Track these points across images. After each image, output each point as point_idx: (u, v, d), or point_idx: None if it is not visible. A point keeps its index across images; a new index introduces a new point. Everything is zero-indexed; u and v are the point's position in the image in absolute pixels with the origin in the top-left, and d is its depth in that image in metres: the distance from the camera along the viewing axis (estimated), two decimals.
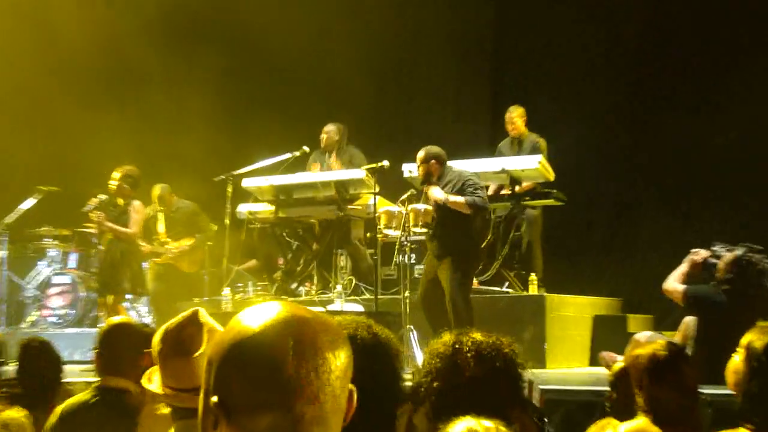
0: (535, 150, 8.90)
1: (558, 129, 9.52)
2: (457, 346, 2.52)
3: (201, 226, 9.55)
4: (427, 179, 7.14)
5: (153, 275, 9.29)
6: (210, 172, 9.21)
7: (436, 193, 6.94)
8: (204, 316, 2.53)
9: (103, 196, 8.27)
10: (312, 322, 1.54)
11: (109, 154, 9.14)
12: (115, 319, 3.82)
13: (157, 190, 9.52)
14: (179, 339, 2.50)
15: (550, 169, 8.63)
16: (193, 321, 2.51)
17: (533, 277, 8.61)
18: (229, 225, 8.48)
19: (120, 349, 3.60)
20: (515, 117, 9.11)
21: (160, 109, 11.02)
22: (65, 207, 9.42)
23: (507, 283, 8.77)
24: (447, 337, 2.58)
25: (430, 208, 7.09)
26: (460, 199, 6.89)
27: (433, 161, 7.19)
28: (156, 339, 2.60)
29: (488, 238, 8.63)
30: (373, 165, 7.75)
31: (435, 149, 7.22)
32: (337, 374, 1.52)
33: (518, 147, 9.19)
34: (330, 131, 9.16)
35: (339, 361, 1.53)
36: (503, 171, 8.49)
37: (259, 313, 1.55)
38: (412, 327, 7.01)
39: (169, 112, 11.07)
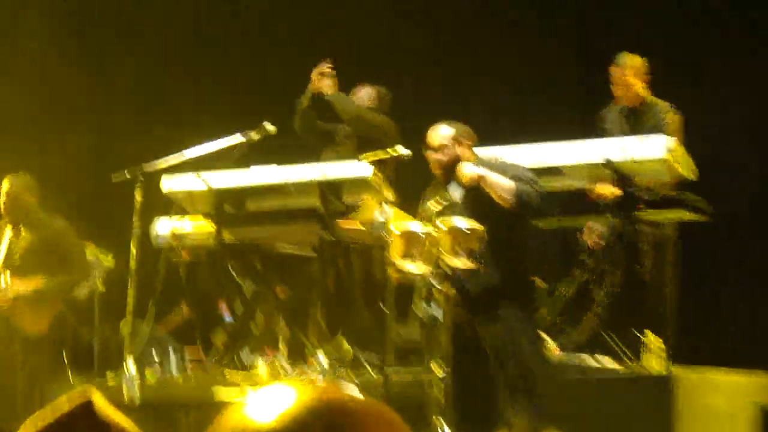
0: (658, 128, 7.21)
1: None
2: None
3: (71, 256, 7.92)
4: (450, 170, 6.13)
5: None
6: (101, 165, 8.11)
7: (469, 169, 6.09)
8: (101, 404, 1.79)
9: None
10: (355, 411, 1.37)
11: None
12: None
13: (6, 184, 7.79)
14: None
15: (688, 160, 6.91)
16: (86, 414, 1.81)
17: (653, 339, 6.93)
18: (137, 255, 6.94)
19: None
20: (628, 72, 7.37)
21: None
22: None
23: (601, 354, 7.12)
24: None
25: (478, 226, 5.87)
26: (504, 181, 5.98)
27: (461, 142, 6.21)
28: None
29: (577, 276, 7.07)
30: (382, 153, 6.43)
31: (461, 126, 6.26)
32: None
33: (633, 122, 7.51)
34: (361, 97, 7.72)
35: None
36: (606, 163, 6.76)
37: (272, 399, 1.40)
38: (442, 420, 6.08)
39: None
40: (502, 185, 6.05)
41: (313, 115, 7.60)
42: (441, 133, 6.16)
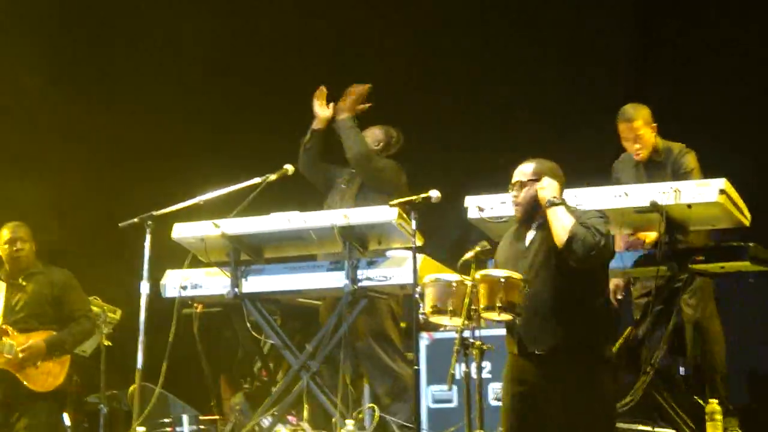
0: (680, 175, 6.99)
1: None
2: None
3: (75, 309, 7.58)
4: (529, 211, 5.63)
5: None
6: (109, 211, 7.78)
7: (547, 189, 5.59)
8: None
9: None
10: None
11: None
12: None
13: (7, 232, 7.51)
14: None
15: (741, 204, 6.40)
16: None
17: (715, 407, 6.42)
18: (147, 307, 6.50)
19: None
20: (638, 126, 7.03)
21: None
22: None
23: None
24: None
25: (516, 276, 5.42)
26: (567, 218, 5.47)
27: (549, 179, 5.73)
28: None
29: (626, 332, 6.56)
30: (411, 197, 6.12)
31: (548, 162, 5.73)
32: None
33: (651, 172, 7.18)
34: (368, 135, 7.35)
35: None
36: (653, 207, 6.27)
37: None
38: None
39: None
40: (562, 220, 5.57)
41: (314, 152, 7.22)
42: (521, 169, 5.71)
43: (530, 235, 5.53)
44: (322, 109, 7.10)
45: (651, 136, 6.96)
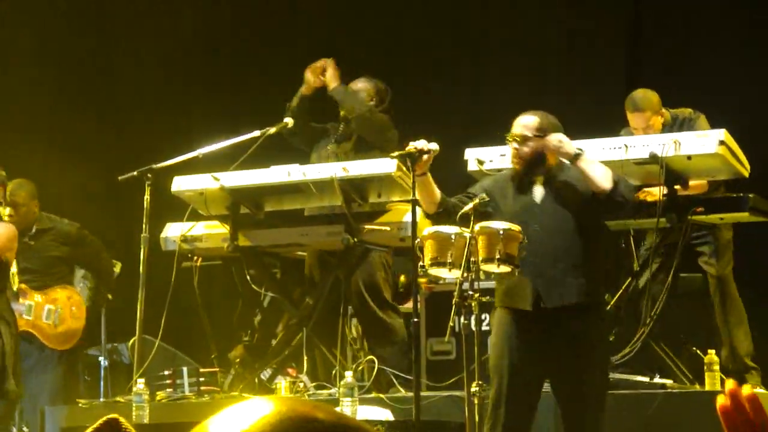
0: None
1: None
2: None
3: (89, 262, 7.64)
4: (533, 166, 5.64)
5: None
6: (107, 163, 8.09)
7: (567, 142, 5.61)
8: (128, 427, 1.83)
9: None
10: (329, 428, 1.41)
11: None
12: None
13: (9, 193, 7.35)
14: None
15: (741, 155, 6.40)
16: (114, 428, 1.83)
17: (713, 357, 6.39)
18: (146, 261, 6.61)
19: None
20: (648, 116, 6.85)
21: None
22: None
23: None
24: None
25: (515, 227, 5.46)
26: (601, 165, 5.59)
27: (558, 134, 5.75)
28: None
29: (627, 283, 6.61)
30: (410, 149, 5.83)
31: (549, 116, 5.73)
32: None
33: None
34: (358, 88, 7.26)
35: None
36: (652, 158, 6.31)
37: (244, 416, 1.41)
38: None
39: None
40: (599, 167, 5.60)
41: (303, 116, 7.30)
42: (523, 122, 5.68)
43: (538, 190, 5.56)
44: (314, 77, 7.15)
45: (660, 123, 6.92)
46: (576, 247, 5.53)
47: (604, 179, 5.52)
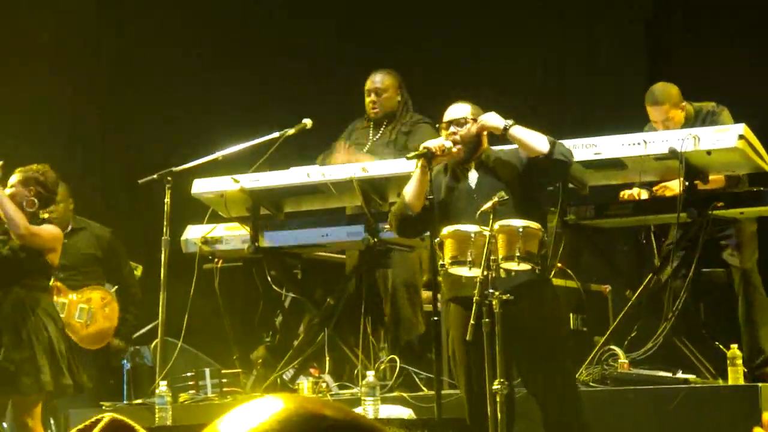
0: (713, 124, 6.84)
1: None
2: None
3: (113, 270, 7.70)
4: (476, 148, 5.73)
5: None
6: (127, 165, 8.36)
7: (492, 118, 5.68)
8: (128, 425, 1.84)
9: None
10: (338, 425, 1.43)
11: None
12: None
13: None
14: None
15: (761, 150, 6.32)
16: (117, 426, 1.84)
17: (736, 351, 6.24)
18: (167, 264, 6.61)
19: None
20: (668, 108, 6.78)
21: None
22: None
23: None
24: None
25: (535, 225, 5.51)
26: (535, 133, 5.63)
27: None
28: None
29: (647, 279, 6.49)
30: (430, 147, 5.91)
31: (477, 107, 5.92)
32: None
33: None
34: (385, 85, 7.08)
35: None
36: (672, 154, 6.23)
37: (253, 415, 1.44)
38: None
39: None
40: (531, 133, 5.67)
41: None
42: (456, 109, 5.82)
43: (473, 175, 5.64)
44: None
45: (681, 117, 6.86)
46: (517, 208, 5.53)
47: (539, 143, 5.61)
